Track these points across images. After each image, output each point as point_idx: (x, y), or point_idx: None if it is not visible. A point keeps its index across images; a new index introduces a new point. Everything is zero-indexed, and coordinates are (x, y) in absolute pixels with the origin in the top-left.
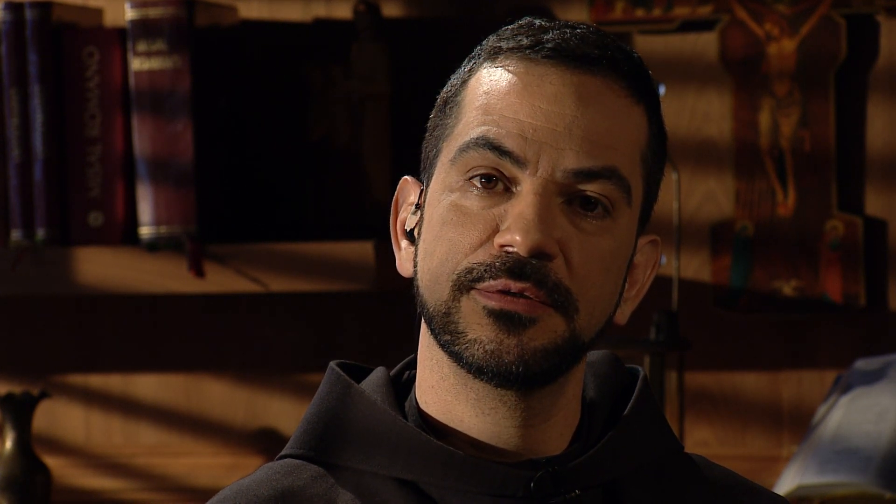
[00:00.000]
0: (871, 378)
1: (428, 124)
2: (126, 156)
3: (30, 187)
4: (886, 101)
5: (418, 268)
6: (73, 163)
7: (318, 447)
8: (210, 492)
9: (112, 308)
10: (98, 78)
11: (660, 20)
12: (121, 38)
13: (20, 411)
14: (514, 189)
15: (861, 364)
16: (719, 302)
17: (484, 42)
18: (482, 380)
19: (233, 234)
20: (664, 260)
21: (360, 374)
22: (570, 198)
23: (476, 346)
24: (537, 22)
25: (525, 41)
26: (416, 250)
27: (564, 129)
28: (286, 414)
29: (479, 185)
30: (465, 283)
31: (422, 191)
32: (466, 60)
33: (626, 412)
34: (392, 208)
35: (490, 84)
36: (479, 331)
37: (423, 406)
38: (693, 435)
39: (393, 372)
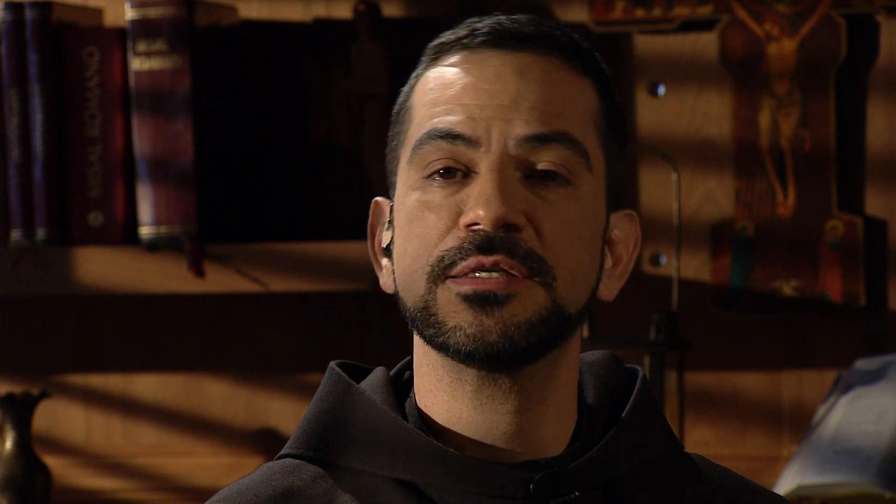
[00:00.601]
0: (871, 378)
1: (387, 141)
2: (126, 156)
3: (30, 187)
4: (886, 101)
5: (396, 274)
6: (73, 163)
7: (317, 447)
8: (210, 492)
9: (112, 308)
10: (98, 78)
11: (660, 20)
12: (121, 38)
13: (20, 411)
14: (473, 174)
15: (861, 364)
16: (719, 302)
17: (424, 54)
18: (473, 366)
19: (233, 234)
20: (664, 260)
21: (360, 374)
22: (528, 171)
23: (458, 333)
24: (469, 20)
25: (462, 32)
26: (392, 263)
27: (511, 102)
28: (286, 414)
29: (440, 178)
30: (439, 273)
31: (391, 206)
32: (414, 70)
33: (625, 412)
34: (368, 232)
35: (434, 81)
36: (457, 318)
37: (423, 409)
38: (693, 435)
39: (393, 372)
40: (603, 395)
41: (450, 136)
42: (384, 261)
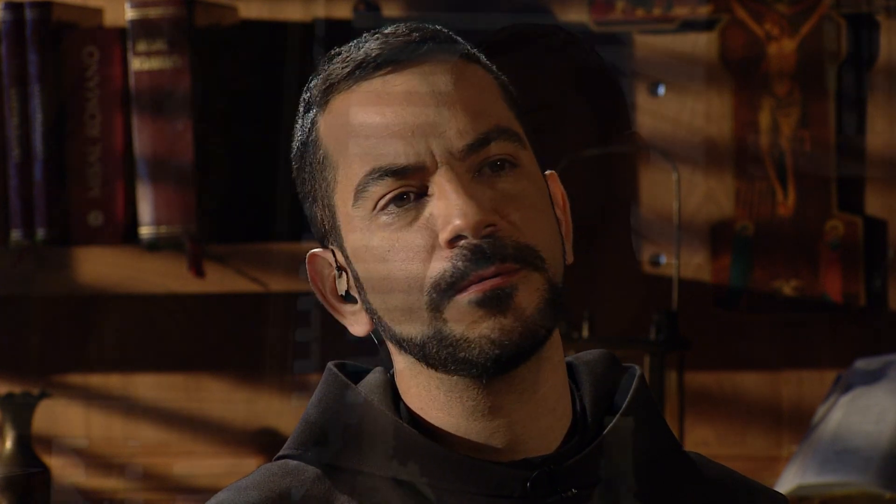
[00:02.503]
0: (871, 378)
1: (301, 196)
2: (126, 156)
3: (30, 187)
4: (886, 101)
5: (379, 315)
6: (73, 163)
7: (315, 448)
8: (210, 492)
9: (112, 308)
10: (98, 78)
11: (660, 20)
12: (121, 38)
13: (20, 411)
14: (428, 192)
15: (861, 364)
16: (719, 302)
17: (306, 96)
18: (497, 374)
19: (233, 234)
20: (664, 260)
21: (358, 374)
22: (478, 169)
23: (483, 343)
24: (343, 50)
25: (350, 64)
26: (366, 304)
27: (435, 115)
28: (286, 414)
29: (396, 207)
30: (438, 297)
31: (333, 252)
32: (299, 121)
33: (621, 410)
34: (314, 286)
35: (346, 120)
36: (477, 328)
37: (416, 412)
38: (693, 435)
39: (391, 372)
40: (600, 393)
41: (395, 171)
42: (346, 307)
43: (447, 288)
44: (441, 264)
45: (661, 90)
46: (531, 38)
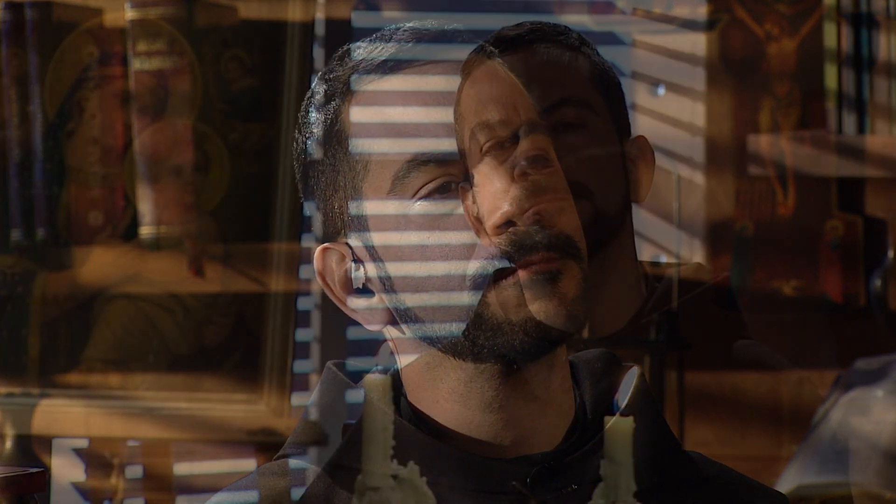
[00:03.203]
0: (871, 378)
1: (308, 191)
2: (126, 156)
3: (30, 187)
4: (886, 101)
5: (407, 307)
6: (73, 163)
7: (315, 447)
8: (210, 492)
9: (113, 307)
10: (98, 78)
11: (660, 20)
12: (121, 38)
13: (20, 411)
14: (467, 182)
15: (861, 364)
16: (719, 302)
17: (321, 89)
18: (535, 357)
19: (233, 234)
20: (664, 259)
21: (357, 373)
22: (514, 162)
23: (529, 325)
24: (363, 44)
25: (382, 58)
26: (389, 297)
27: (477, 106)
28: (286, 414)
29: (439, 195)
30: (483, 283)
31: (348, 244)
32: (311, 114)
33: (622, 408)
34: (321, 281)
35: (380, 112)
36: (522, 312)
37: (423, 410)
38: (693, 435)
39: (391, 370)
40: (600, 392)
41: (438, 157)
42: (360, 301)
43: (493, 273)
44: (486, 250)
45: (661, 90)
46: (549, 36)
